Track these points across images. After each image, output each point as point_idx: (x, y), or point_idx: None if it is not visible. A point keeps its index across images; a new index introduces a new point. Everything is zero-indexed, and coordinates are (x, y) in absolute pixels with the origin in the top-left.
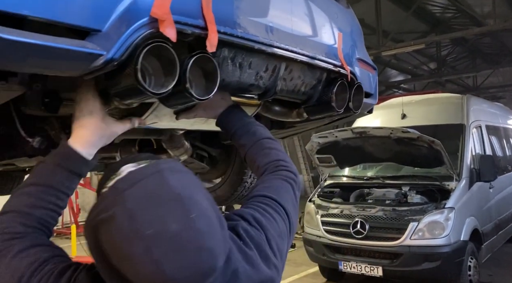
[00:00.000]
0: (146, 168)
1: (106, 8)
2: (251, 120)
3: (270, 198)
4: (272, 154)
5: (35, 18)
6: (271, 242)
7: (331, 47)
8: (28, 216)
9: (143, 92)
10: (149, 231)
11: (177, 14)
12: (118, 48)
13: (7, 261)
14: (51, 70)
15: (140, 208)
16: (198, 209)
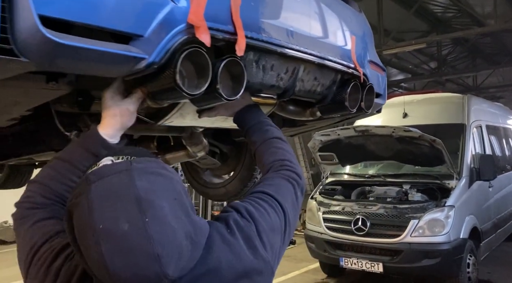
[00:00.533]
0: (119, 164)
1: (148, 15)
2: (266, 120)
3: (268, 194)
4: (279, 153)
5: (85, 24)
6: (262, 235)
7: (345, 50)
8: (48, 188)
9: (179, 93)
10: (101, 225)
11: (210, 21)
12: (158, 52)
13: (27, 228)
14: (98, 72)
15: (99, 202)
16: (155, 214)
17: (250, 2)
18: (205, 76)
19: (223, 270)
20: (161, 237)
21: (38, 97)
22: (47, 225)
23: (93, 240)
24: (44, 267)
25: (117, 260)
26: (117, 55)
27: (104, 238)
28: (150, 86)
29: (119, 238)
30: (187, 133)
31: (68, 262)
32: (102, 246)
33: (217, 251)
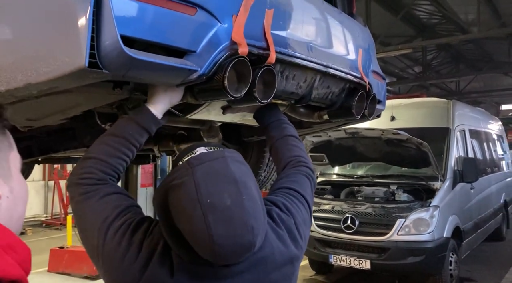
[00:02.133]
0: (215, 152)
1: (200, 34)
2: (283, 118)
3: (296, 191)
4: (295, 149)
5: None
6: (299, 227)
7: (353, 62)
8: (106, 163)
9: (224, 95)
10: (208, 200)
11: (248, 38)
12: (208, 66)
13: (93, 203)
14: (158, 81)
15: (205, 181)
16: (249, 193)
17: (279, 22)
18: (246, 82)
19: (276, 255)
20: (254, 212)
21: (100, 101)
22: (113, 200)
23: (199, 212)
24: (126, 239)
25: (220, 228)
26: (176, 68)
27: (210, 210)
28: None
29: (223, 211)
30: (207, 127)
31: (149, 236)
32: (208, 217)
33: (270, 239)
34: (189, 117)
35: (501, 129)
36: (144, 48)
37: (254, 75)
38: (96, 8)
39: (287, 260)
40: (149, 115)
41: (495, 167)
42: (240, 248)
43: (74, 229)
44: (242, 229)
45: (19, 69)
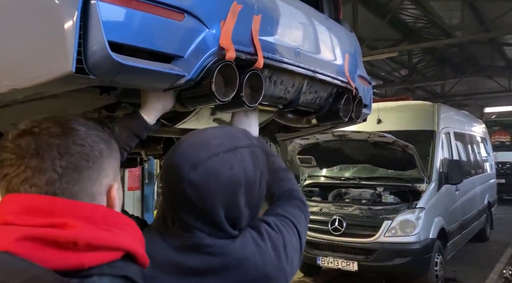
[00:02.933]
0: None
1: (188, 39)
2: (271, 151)
3: (288, 219)
4: (286, 184)
5: (138, 47)
6: (286, 248)
7: (340, 67)
8: None
9: (212, 99)
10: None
11: (236, 44)
12: (196, 71)
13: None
14: (145, 86)
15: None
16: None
17: (267, 27)
18: (233, 86)
19: (248, 265)
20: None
21: (86, 106)
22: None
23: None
24: None
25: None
26: (163, 73)
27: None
28: (186, 93)
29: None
30: None
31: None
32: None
33: (248, 248)
34: (178, 126)
35: (484, 131)
36: (131, 53)
37: (241, 79)
38: (83, 13)
39: (262, 275)
40: (142, 121)
41: (479, 168)
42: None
43: None
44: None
45: (5, 74)
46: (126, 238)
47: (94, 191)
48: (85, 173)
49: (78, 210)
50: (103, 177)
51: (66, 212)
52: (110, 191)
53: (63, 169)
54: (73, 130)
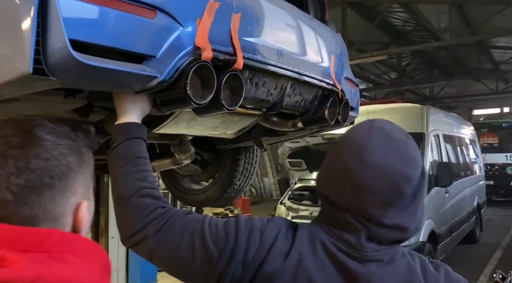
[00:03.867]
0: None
1: (160, 38)
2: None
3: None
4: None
5: (106, 46)
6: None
7: (326, 68)
8: (146, 190)
9: (188, 102)
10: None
11: (213, 43)
12: (169, 72)
13: (180, 225)
14: (114, 88)
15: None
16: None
17: (247, 26)
18: (210, 88)
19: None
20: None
21: (53, 110)
22: (194, 218)
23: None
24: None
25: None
26: (133, 74)
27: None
28: (160, 96)
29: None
30: (177, 141)
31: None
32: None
33: (398, 262)
34: (156, 131)
35: (473, 133)
36: (101, 53)
37: (219, 81)
38: (41, 9)
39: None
40: (137, 125)
41: (468, 170)
42: (393, 176)
43: None
44: (399, 159)
45: None
46: (78, 270)
47: (57, 212)
48: (47, 192)
49: (25, 239)
50: (69, 195)
51: (9, 242)
52: (78, 211)
53: (20, 188)
54: (36, 139)
